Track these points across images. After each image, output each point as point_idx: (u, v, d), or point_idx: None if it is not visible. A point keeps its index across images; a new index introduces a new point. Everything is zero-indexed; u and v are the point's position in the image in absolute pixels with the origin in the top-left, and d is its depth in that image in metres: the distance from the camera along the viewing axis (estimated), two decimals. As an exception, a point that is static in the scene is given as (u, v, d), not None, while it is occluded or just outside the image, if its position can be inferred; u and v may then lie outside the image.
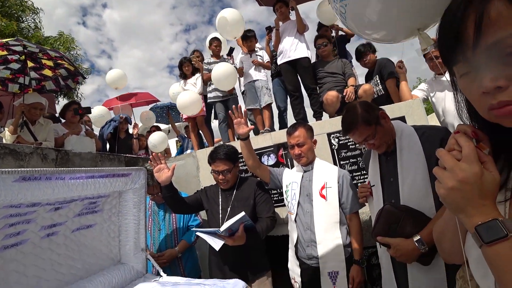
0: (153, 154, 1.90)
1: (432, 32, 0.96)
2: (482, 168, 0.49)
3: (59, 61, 2.83)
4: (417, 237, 1.21)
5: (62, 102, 9.51)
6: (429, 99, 2.73)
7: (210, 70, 3.66)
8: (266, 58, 3.70)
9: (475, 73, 0.48)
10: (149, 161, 1.90)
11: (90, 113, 4.05)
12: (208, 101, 3.83)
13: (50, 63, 2.76)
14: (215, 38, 3.93)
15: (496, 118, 0.48)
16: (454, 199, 0.51)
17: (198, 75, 3.96)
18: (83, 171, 1.33)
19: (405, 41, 1.27)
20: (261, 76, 3.61)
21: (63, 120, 3.37)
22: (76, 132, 3.20)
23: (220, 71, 3.30)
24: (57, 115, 3.84)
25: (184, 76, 4.03)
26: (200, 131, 4.09)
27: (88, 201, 1.51)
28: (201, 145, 4.11)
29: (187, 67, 3.98)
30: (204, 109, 3.88)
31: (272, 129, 3.49)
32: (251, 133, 2.21)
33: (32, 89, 2.66)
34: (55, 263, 1.41)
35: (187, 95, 3.49)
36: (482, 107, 0.49)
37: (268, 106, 3.56)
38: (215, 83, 3.48)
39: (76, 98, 10.50)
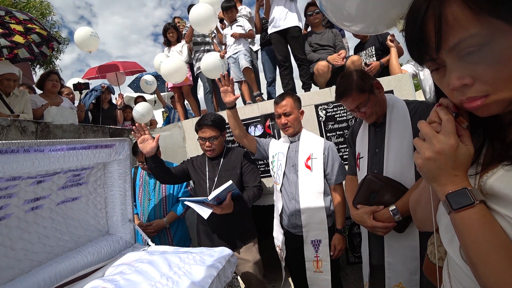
0: (137, 124, 1.86)
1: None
2: (458, 141, 0.52)
3: (29, 25, 2.60)
4: (392, 207, 1.26)
5: (39, 72, 9.01)
6: (417, 75, 2.73)
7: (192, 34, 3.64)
8: (248, 26, 3.54)
9: (443, 69, 0.50)
10: (132, 132, 1.87)
11: (89, 88, 3.99)
12: (196, 73, 3.73)
13: (20, 28, 2.53)
14: None
15: (468, 109, 0.51)
16: (430, 169, 0.54)
17: (183, 42, 3.81)
18: (63, 143, 1.29)
19: (387, 31, 1.24)
20: (243, 47, 3.49)
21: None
22: (56, 103, 3.06)
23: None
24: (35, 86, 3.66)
25: (169, 43, 3.87)
26: (186, 101, 4.00)
27: (72, 174, 1.49)
28: (188, 115, 4.05)
29: (172, 33, 3.81)
30: (190, 78, 3.77)
31: (260, 93, 3.40)
32: (239, 103, 2.16)
33: (4, 58, 2.47)
34: (42, 236, 1.41)
35: (171, 62, 3.37)
36: (454, 99, 0.52)
37: (247, 70, 3.41)
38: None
39: (55, 68, 9.96)
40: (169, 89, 4.06)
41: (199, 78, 3.88)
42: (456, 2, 0.44)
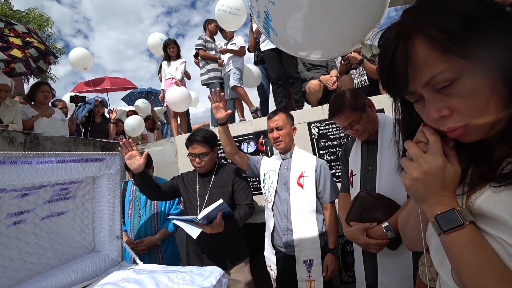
0: (124, 140, 1.83)
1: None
2: (445, 161, 0.52)
3: (28, 39, 2.61)
4: (385, 224, 1.27)
5: (32, 82, 8.99)
6: None
7: (206, 47, 3.78)
8: (240, 43, 3.63)
9: (423, 100, 0.52)
10: (119, 148, 1.84)
11: (85, 101, 4.12)
12: (203, 83, 3.82)
13: (18, 41, 2.53)
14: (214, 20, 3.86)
15: (451, 137, 0.52)
16: (418, 189, 0.53)
17: (183, 59, 3.92)
18: (52, 155, 1.26)
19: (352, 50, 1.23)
20: (233, 66, 3.57)
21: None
22: (47, 115, 3.02)
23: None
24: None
25: (169, 58, 3.95)
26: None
27: (59, 187, 1.45)
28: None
29: (172, 48, 3.91)
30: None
31: (257, 108, 3.46)
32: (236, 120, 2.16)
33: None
34: (23, 252, 1.35)
35: (177, 92, 3.46)
36: (437, 128, 0.53)
37: (235, 88, 3.50)
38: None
39: (49, 77, 9.93)
40: (165, 105, 4.08)
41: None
42: (423, 43, 0.46)
